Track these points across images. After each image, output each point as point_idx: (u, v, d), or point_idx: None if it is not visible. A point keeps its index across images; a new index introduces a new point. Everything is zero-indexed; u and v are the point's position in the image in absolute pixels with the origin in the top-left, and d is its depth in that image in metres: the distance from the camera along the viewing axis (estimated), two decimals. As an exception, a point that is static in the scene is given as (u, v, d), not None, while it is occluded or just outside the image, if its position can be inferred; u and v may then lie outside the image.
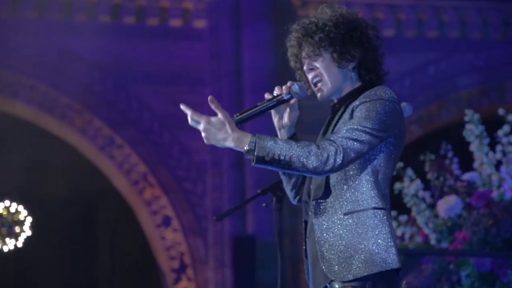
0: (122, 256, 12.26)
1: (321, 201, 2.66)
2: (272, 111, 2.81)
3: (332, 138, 2.58)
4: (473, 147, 5.43)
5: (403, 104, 4.28)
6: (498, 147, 5.37)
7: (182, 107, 2.67)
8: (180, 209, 10.02)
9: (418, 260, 4.90)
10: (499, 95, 11.01)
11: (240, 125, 2.70)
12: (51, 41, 10.01)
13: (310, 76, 2.78)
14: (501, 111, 5.46)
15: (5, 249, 10.47)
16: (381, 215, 2.63)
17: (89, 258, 12.22)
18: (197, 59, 10.23)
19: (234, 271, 9.50)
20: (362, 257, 2.58)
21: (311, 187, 2.75)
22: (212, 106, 2.63)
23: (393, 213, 5.35)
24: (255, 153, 2.56)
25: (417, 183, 5.38)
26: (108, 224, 11.92)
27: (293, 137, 2.81)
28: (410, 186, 5.34)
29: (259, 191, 4.10)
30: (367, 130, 2.59)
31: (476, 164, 5.45)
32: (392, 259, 2.60)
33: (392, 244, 2.62)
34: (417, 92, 10.61)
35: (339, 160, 2.54)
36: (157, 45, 10.23)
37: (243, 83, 9.99)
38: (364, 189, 2.63)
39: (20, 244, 10.47)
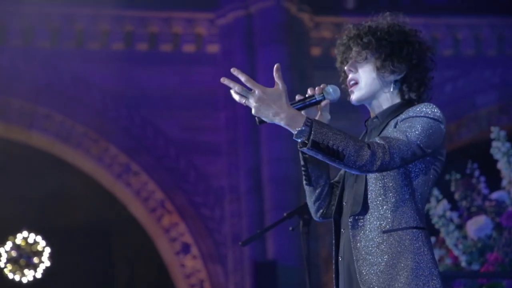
0: (142, 284, 12.15)
1: (359, 217, 2.55)
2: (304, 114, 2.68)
3: (378, 140, 2.47)
4: (500, 165, 5.30)
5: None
6: (526, 165, 5.24)
7: (235, 71, 2.42)
8: (198, 235, 9.91)
9: (449, 284, 4.78)
10: (519, 112, 10.89)
11: (264, 124, 2.53)
12: (65, 69, 9.99)
13: (349, 76, 2.69)
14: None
15: (24, 280, 10.39)
16: (422, 236, 2.51)
17: (108, 287, 12.11)
18: (211, 84, 10.17)
19: (255, 298, 9.36)
20: (404, 279, 2.46)
21: (344, 202, 2.65)
22: (275, 75, 2.43)
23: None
24: (312, 137, 2.37)
25: (444, 203, 5.26)
26: (126, 252, 11.82)
27: None
28: (437, 207, 5.22)
29: (285, 214, 4.00)
30: (413, 139, 2.48)
31: (504, 183, 5.33)
32: (435, 284, 2.48)
33: (435, 267, 2.51)
34: (435, 110, 10.48)
35: (385, 162, 2.42)
36: (171, 71, 10.19)
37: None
38: (404, 208, 2.52)
39: (39, 275, 10.39)
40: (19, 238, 10.37)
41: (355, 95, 2.68)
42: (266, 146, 9.75)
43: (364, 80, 2.66)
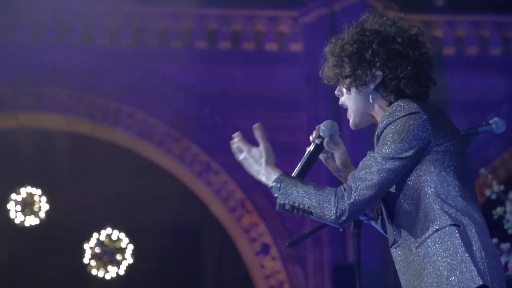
0: (226, 284, 12.13)
1: (396, 245, 2.43)
2: (322, 159, 2.66)
3: (348, 183, 2.41)
4: None
5: (495, 119, 3.92)
6: None
7: (236, 136, 2.56)
8: (278, 236, 9.79)
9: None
10: None
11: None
12: (148, 68, 10.06)
13: (340, 101, 2.59)
14: None
15: (107, 276, 10.53)
16: (449, 235, 2.30)
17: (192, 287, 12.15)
18: (294, 83, 10.03)
19: (334, 301, 9.17)
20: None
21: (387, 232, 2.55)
22: (256, 134, 2.50)
23: (494, 240, 4.94)
24: (278, 200, 2.44)
25: (521, 207, 4.93)
26: (211, 252, 11.83)
27: None
28: (513, 211, 4.90)
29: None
30: (385, 159, 2.35)
31: None
32: (470, 277, 2.25)
33: (469, 259, 2.26)
34: (528, 111, 10.01)
35: (352, 210, 2.36)
36: (253, 70, 10.12)
37: (340, 107, 9.68)
38: (424, 216, 2.34)
39: (122, 271, 10.51)
40: (103, 235, 10.52)
41: (351, 124, 2.57)
42: (347, 147, 9.51)
43: (347, 101, 2.52)
